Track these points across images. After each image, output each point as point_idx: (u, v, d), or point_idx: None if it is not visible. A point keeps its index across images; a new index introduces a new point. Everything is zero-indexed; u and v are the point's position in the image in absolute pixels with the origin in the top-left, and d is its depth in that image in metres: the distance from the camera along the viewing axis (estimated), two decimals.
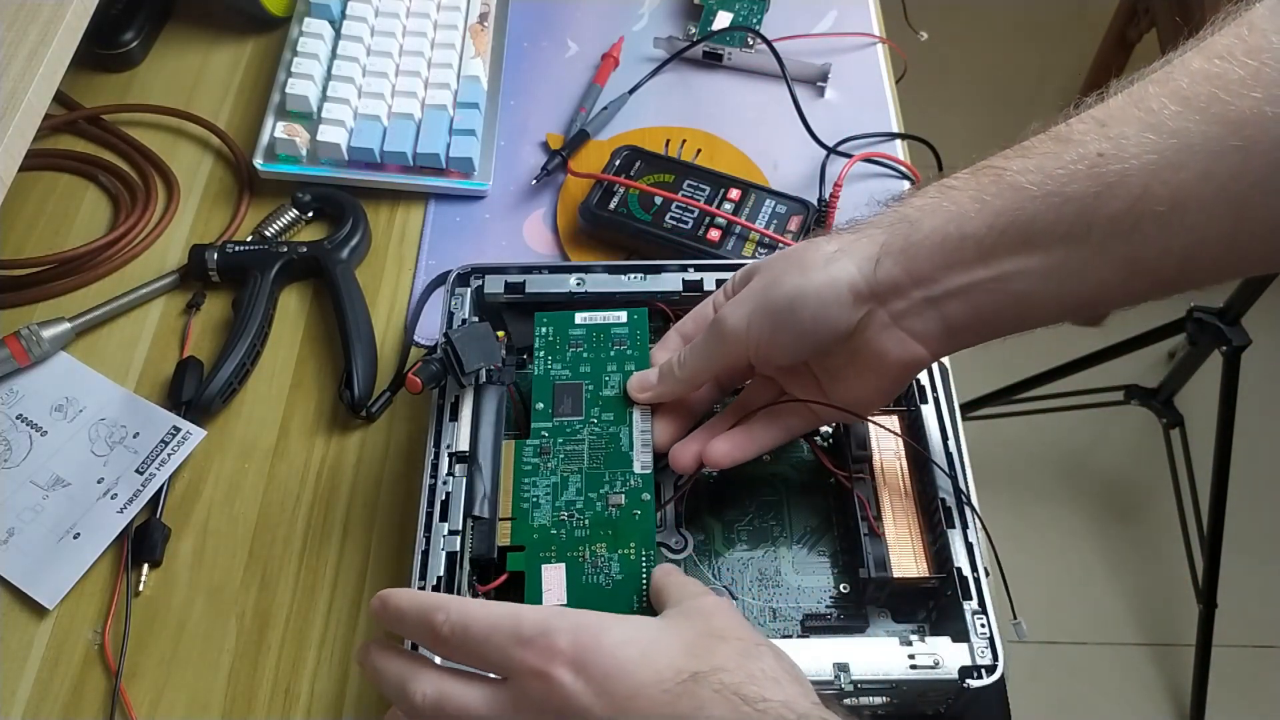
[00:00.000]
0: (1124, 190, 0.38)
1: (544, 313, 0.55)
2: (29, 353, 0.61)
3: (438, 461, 0.51)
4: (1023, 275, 0.41)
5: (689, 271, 0.57)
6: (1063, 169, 0.40)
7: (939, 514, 0.49)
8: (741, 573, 0.52)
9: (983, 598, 0.47)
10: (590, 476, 0.50)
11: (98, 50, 0.76)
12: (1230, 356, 1.16)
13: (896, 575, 0.48)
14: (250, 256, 0.65)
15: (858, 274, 0.44)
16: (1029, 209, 0.40)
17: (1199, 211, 0.37)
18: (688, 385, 0.50)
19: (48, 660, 0.53)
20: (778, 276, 0.46)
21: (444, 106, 0.71)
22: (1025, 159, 0.41)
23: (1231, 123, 0.36)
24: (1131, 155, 0.38)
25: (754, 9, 0.78)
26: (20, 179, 0.61)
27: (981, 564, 0.48)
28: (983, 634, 0.45)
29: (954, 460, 0.51)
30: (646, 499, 0.49)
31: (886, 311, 0.44)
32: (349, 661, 0.53)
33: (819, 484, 0.55)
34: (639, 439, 0.51)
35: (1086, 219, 0.39)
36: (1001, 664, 0.45)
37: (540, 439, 0.51)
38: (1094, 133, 0.40)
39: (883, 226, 0.45)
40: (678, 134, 0.73)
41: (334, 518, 0.58)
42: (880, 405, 0.49)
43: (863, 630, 0.50)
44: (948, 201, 0.43)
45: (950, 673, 0.44)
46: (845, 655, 0.45)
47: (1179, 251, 0.38)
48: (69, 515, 0.57)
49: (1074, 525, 1.48)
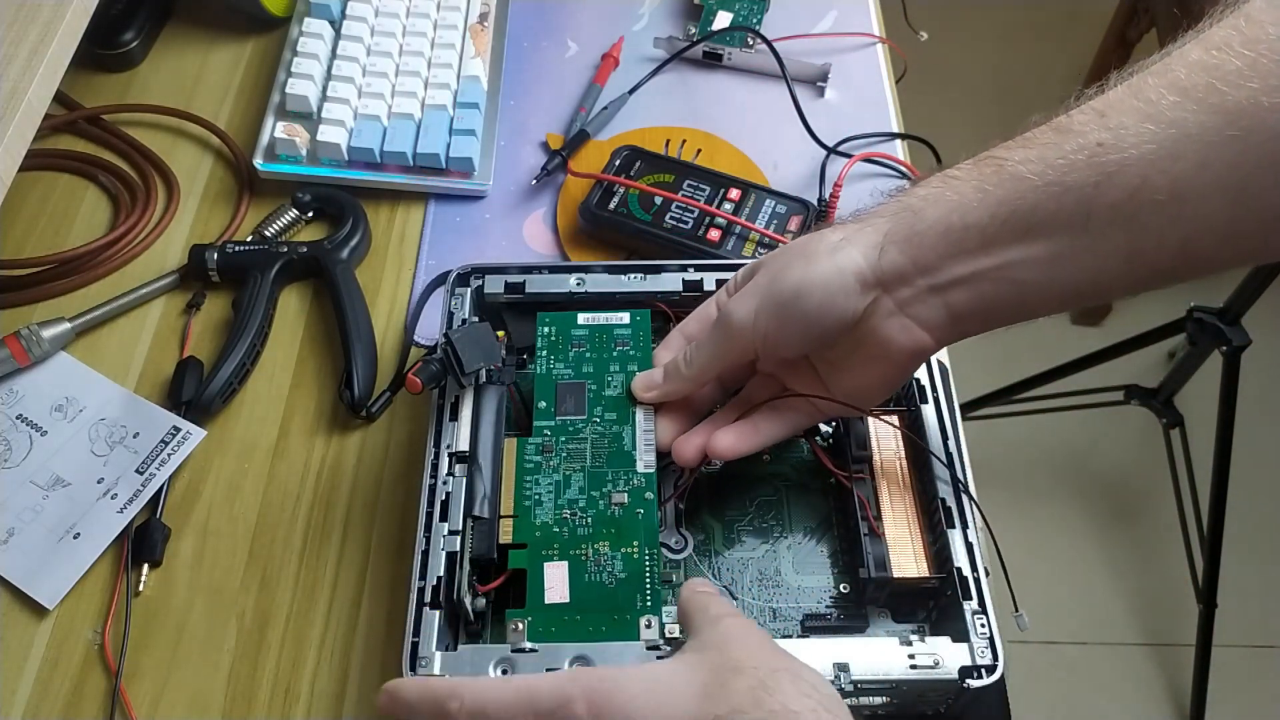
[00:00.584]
0: (1123, 180, 0.38)
1: (546, 313, 0.55)
2: (29, 353, 0.61)
3: (438, 461, 0.51)
4: (1025, 264, 0.41)
5: (689, 271, 0.57)
6: (1063, 159, 0.40)
7: (939, 514, 0.49)
8: (741, 572, 0.52)
9: (983, 598, 0.47)
10: (593, 475, 0.50)
11: (98, 50, 0.76)
12: (1230, 356, 1.16)
13: (896, 575, 0.48)
14: (250, 256, 0.65)
15: (863, 261, 0.44)
16: (1030, 198, 0.40)
17: (1197, 200, 0.37)
18: (694, 382, 0.50)
19: (48, 660, 0.53)
20: (783, 268, 0.46)
21: (444, 106, 0.71)
22: (1026, 149, 0.42)
23: (1229, 113, 0.37)
24: (1130, 145, 0.38)
25: (754, 9, 0.78)
26: (20, 179, 0.61)
27: (982, 564, 0.48)
28: (983, 634, 0.45)
29: (954, 459, 0.51)
30: (650, 498, 0.49)
31: (892, 299, 0.44)
32: (349, 661, 0.53)
33: (819, 484, 0.55)
34: (642, 438, 0.51)
35: (1086, 208, 0.39)
36: (1002, 664, 0.45)
37: (543, 437, 0.51)
38: (1094, 123, 0.40)
39: (886, 216, 0.45)
40: (678, 134, 0.73)
41: (334, 518, 0.58)
42: (882, 397, 0.49)
43: (863, 630, 0.50)
44: (950, 191, 0.43)
45: (950, 673, 0.44)
46: (845, 655, 0.45)
47: (1177, 240, 0.39)
48: (69, 515, 0.57)
49: (1074, 525, 1.48)
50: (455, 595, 0.47)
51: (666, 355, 0.52)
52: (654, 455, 0.50)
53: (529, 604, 0.47)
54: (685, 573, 0.51)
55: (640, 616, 0.46)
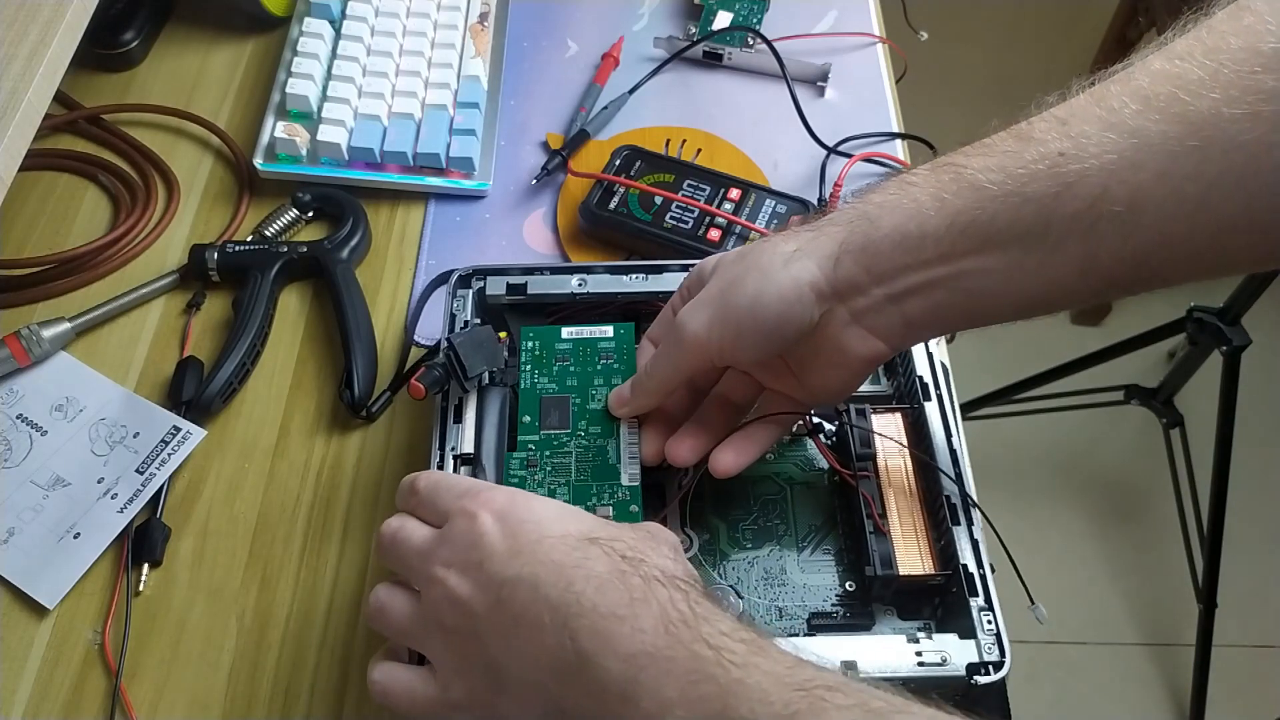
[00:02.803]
0: (1083, 190, 0.38)
1: (530, 327, 0.55)
2: (29, 353, 0.61)
3: (442, 464, 0.51)
4: (981, 273, 0.41)
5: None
6: (1023, 168, 0.40)
7: (944, 511, 0.49)
8: (747, 572, 0.52)
9: (989, 594, 0.47)
10: (578, 489, 0.50)
11: (98, 50, 0.76)
12: (1230, 356, 1.16)
13: (902, 572, 0.48)
14: (250, 256, 0.65)
15: (819, 273, 0.44)
16: (989, 209, 0.40)
17: (1155, 212, 0.37)
18: (659, 395, 0.50)
19: (48, 660, 0.53)
20: (736, 280, 0.46)
21: (444, 106, 0.71)
22: (986, 157, 0.41)
23: (1191, 123, 0.37)
24: (1091, 155, 0.38)
25: (754, 9, 0.78)
26: (20, 179, 0.61)
27: (987, 560, 0.48)
28: (989, 630, 0.45)
29: (958, 457, 0.51)
30: (635, 510, 0.49)
31: (847, 309, 0.45)
32: (349, 661, 0.53)
33: (823, 482, 0.55)
34: (626, 451, 0.51)
35: (1045, 219, 0.39)
36: (1009, 660, 0.45)
37: (527, 451, 0.51)
38: (1055, 131, 0.40)
39: (841, 224, 0.45)
40: (678, 134, 0.73)
41: (334, 518, 0.58)
42: (845, 395, 0.49)
43: (869, 628, 0.50)
44: (907, 199, 0.43)
45: (958, 669, 0.44)
46: (852, 653, 0.45)
47: (1132, 252, 0.38)
48: (69, 515, 0.57)
49: (1074, 525, 1.48)
50: None
51: (642, 361, 0.52)
52: (639, 468, 0.50)
53: None
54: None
55: None
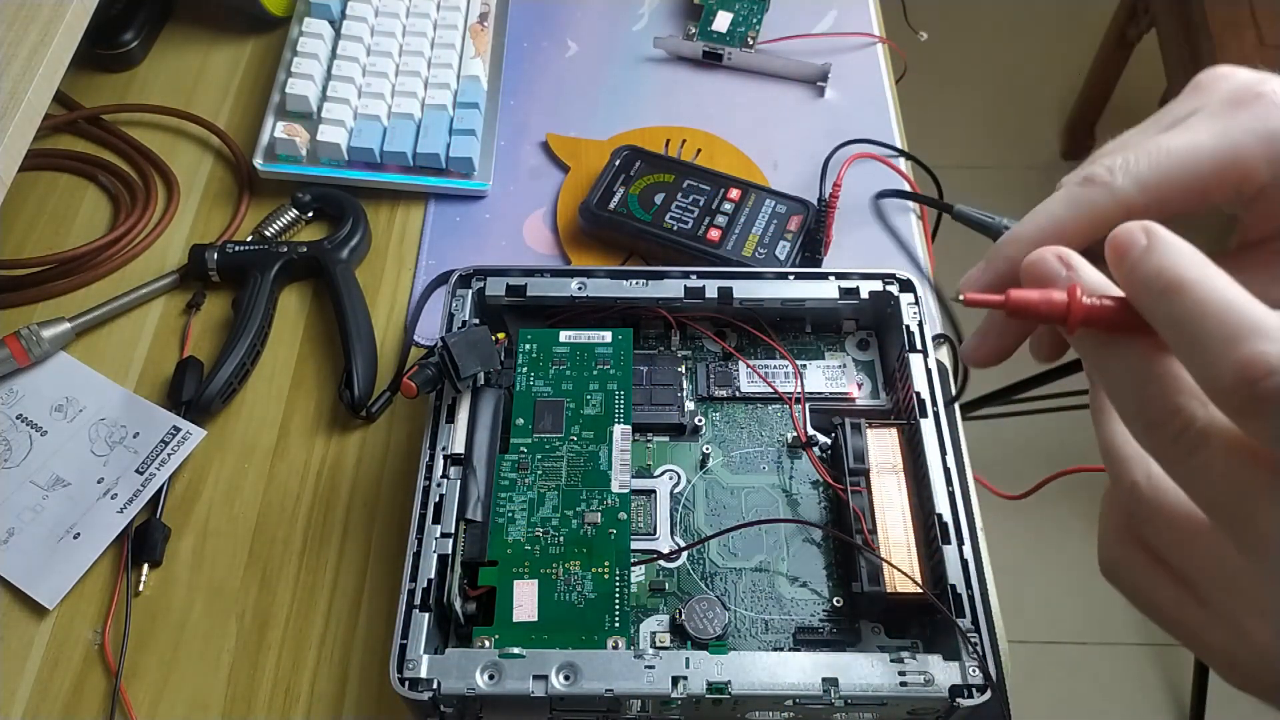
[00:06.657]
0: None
1: (528, 329, 0.55)
2: (29, 353, 0.61)
3: (432, 463, 0.51)
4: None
5: (691, 278, 0.57)
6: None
7: (935, 529, 0.48)
8: (735, 583, 0.51)
9: (976, 616, 0.46)
10: (567, 494, 0.50)
11: (98, 50, 0.76)
12: None
13: (890, 590, 0.48)
14: (250, 256, 0.65)
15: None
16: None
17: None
18: (1135, 197, 0.31)
19: (48, 660, 0.53)
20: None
21: (444, 106, 0.71)
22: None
23: None
24: None
25: (754, 9, 0.78)
26: (20, 179, 0.61)
27: (976, 582, 0.47)
28: (974, 653, 0.44)
29: (952, 475, 0.50)
30: (623, 518, 0.49)
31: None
32: (349, 661, 0.54)
33: (815, 496, 0.54)
34: (618, 458, 0.50)
35: None
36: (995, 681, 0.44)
37: (519, 454, 0.51)
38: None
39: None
40: (678, 134, 0.73)
41: (334, 518, 0.58)
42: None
43: (854, 645, 0.49)
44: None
45: (941, 691, 0.44)
46: (835, 669, 0.44)
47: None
48: (69, 515, 0.57)
49: (1074, 525, 1.48)
50: (445, 598, 0.47)
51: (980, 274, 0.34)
52: (629, 475, 0.50)
53: (497, 621, 0.46)
54: (678, 582, 0.51)
55: (608, 637, 0.45)
